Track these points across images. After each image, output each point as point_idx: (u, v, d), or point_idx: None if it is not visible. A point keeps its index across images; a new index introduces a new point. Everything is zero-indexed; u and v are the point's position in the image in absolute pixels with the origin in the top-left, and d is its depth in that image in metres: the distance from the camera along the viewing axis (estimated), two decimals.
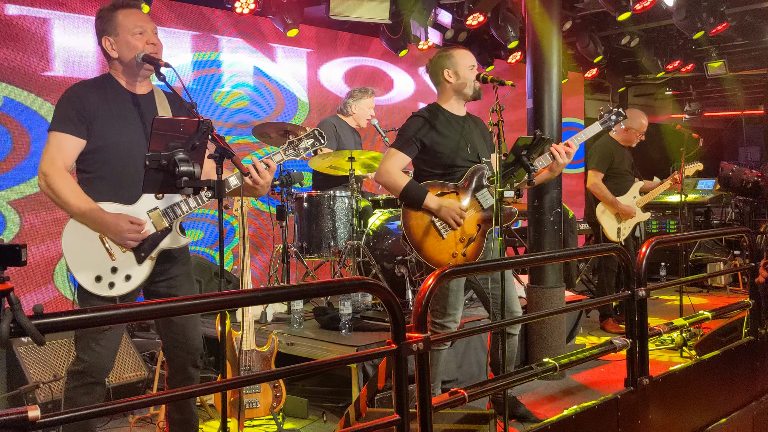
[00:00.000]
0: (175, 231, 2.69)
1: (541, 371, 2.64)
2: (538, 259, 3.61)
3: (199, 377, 2.88)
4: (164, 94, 2.83)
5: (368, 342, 3.85)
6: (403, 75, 7.90)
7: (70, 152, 2.61)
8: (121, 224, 2.55)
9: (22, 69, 5.20)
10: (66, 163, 2.61)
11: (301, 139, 2.85)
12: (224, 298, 1.73)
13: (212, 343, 4.50)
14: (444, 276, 2.29)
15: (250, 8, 5.82)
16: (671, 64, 8.49)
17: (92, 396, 2.62)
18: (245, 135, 6.28)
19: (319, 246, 4.89)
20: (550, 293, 4.59)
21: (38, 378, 3.71)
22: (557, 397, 4.26)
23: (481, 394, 2.39)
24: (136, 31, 2.66)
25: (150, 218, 2.64)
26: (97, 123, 2.62)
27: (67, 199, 2.55)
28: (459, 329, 3.52)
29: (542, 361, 2.68)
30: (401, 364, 2.07)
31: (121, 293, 2.59)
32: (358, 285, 2.11)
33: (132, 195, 2.63)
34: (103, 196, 2.61)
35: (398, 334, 2.06)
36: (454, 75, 3.59)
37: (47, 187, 2.58)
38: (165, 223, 2.66)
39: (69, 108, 2.61)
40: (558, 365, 2.68)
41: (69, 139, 2.60)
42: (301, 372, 1.92)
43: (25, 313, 1.46)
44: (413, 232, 3.49)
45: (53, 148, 2.60)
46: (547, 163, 3.54)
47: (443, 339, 3.00)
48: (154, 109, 2.74)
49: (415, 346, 2.09)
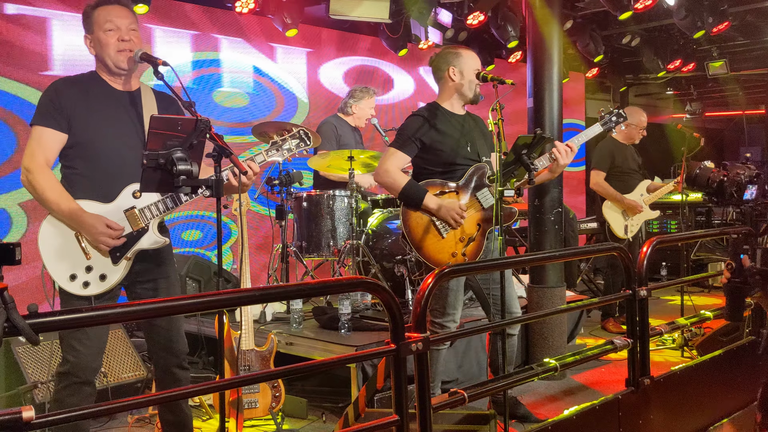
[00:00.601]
0: (152, 231, 2.66)
1: (542, 371, 2.63)
2: (539, 258, 3.60)
3: (188, 378, 2.84)
4: (152, 92, 2.81)
5: (367, 342, 3.83)
6: (402, 74, 7.89)
7: (51, 146, 2.60)
8: (97, 226, 2.52)
9: (21, 67, 5.19)
10: (47, 158, 2.59)
11: (285, 139, 2.81)
12: (221, 298, 1.71)
13: (211, 342, 4.49)
14: (443, 275, 2.28)
15: (250, 7, 5.80)
16: (672, 64, 8.46)
17: (79, 396, 2.59)
18: (245, 134, 6.26)
19: (319, 245, 4.87)
20: (550, 293, 4.58)
21: (36, 378, 3.70)
22: (558, 397, 4.24)
23: (481, 395, 2.38)
24: (107, 27, 2.64)
25: (126, 218, 2.61)
26: (75, 117, 2.61)
27: (46, 195, 2.54)
28: (459, 329, 3.51)
29: (543, 362, 2.67)
30: (400, 364, 2.05)
31: (95, 293, 2.57)
32: (357, 284, 2.09)
33: (110, 193, 2.61)
34: (81, 193, 2.59)
35: (397, 334, 2.05)
36: (459, 74, 3.57)
37: (28, 183, 2.57)
38: (141, 222, 2.63)
39: (48, 102, 2.61)
40: (559, 366, 2.67)
41: (49, 132, 2.59)
42: (300, 372, 1.90)
43: (20, 313, 1.45)
44: (413, 231, 3.47)
45: (34, 143, 2.59)
46: (548, 164, 3.53)
47: (442, 339, 2.98)
48: (140, 107, 2.72)
49: (414, 346, 2.07)
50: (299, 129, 2.87)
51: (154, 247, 2.66)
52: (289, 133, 2.83)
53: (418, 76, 8.03)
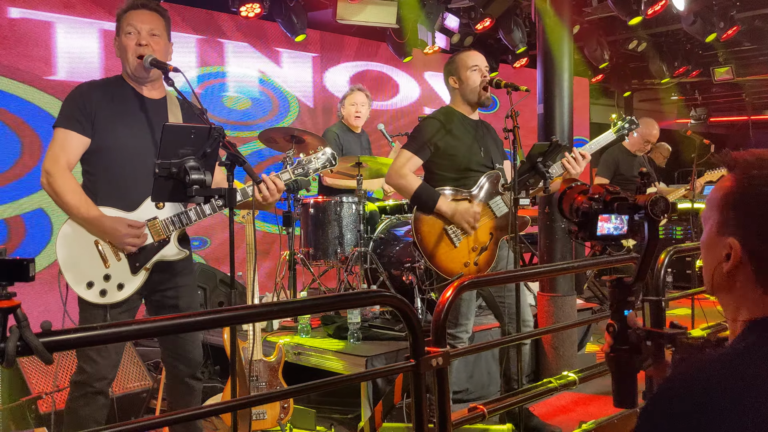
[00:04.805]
0: (173, 242, 2.61)
1: (561, 385, 2.57)
2: (558, 269, 3.54)
3: (200, 389, 2.79)
4: (177, 101, 2.76)
5: (378, 352, 3.77)
6: (408, 80, 7.84)
7: (73, 150, 2.55)
8: (119, 228, 2.48)
9: (26, 71, 5.13)
10: (69, 162, 2.55)
11: (311, 159, 2.80)
12: (241, 313, 1.65)
13: (218, 352, 4.42)
14: (463, 288, 2.22)
15: (256, 12, 5.75)
16: (678, 71, 8.43)
17: (93, 406, 2.54)
18: (252, 141, 6.22)
19: (326, 252, 4.81)
20: (561, 302, 4.52)
21: (40, 389, 3.63)
22: (569, 407, 4.18)
23: (501, 410, 2.32)
24: (127, 31, 2.60)
25: (148, 228, 2.57)
26: (99, 122, 2.56)
27: (66, 199, 2.49)
28: (474, 343, 3.45)
29: (562, 375, 2.61)
30: (420, 380, 1.99)
31: (112, 302, 2.52)
32: (377, 298, 2.03)
33: (133, 202, 2.57)
34: (103, 200, 2.55)
35: (417, 349, 1.99)
36: (458, 80, 3.54)
37: (48, 185, 2.52)
38: (163, 234, 2.59)
39: (73, 105, 2.56)
40: (578, 379, 2.62)
41: (73, 136, 2.54)
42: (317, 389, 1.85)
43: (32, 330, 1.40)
44: (425, 239, 3.41)
45: (57, 146, 2.54)
46: (561, 172, 3.48)
47: (463, 353, 2.91)
48: (165, 116, 2.67)
49: (434, 361, 2.02)
50: (326, 148, 2.84)
51: (174, 258, 2.62)
52: (315, 153, 2.81)
53: (423, 82, 7.99)
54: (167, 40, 2.69)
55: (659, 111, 12.14)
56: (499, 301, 3.48)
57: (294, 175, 2.75)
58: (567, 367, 4.49)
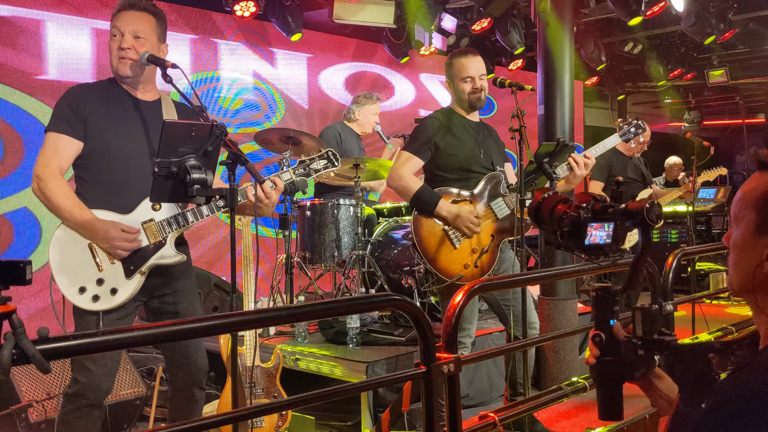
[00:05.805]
0: (170, 245, 2.53)
1: (571, 391, 2.51)
2: (567, 272, 3.48)
3: (203, 400, 2.70)
4: (173, 103, 2.68)
5: (378, 357, 3.69)
6: (404, 81, 7.78)
7: (66, 154, 2.48)
8: (112, 232, 2.40)
9: (15, 71, 5.02)
10: (61, 166, 2.47)
11: (313, 159, 2.73)
12: (247, 318, 1.57)
13: (213, 357, 4.31)
14: (474, 292, 2.15)
15: (251, 11, 5.67)
16: (673, 73, 8.42)
17: (87, 420, 2.46)
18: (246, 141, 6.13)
19: (323, 256, 4.72)
20: (562, 305, 4.46)
21: (31, 396, 3.52)
22: (572, 413, 4.11)
23: (512, 418, 2.25)
24: (113, 33, 2.54)
25: (144, 230, 2.48)
26: (91, 124, 2.48)
27: (58, 203, 2.41)
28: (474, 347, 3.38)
29: (572, 381, 2.55)
30: (431, 388, 1.92)
31: (105, 307, 2.42)
32: (387, 302, 1.96)
33: (128, 204, 2.49)
34: (97, 203, 2.47)
35: (428, 356, 1.92)
36: (450, 84, 3.51)
37: (39, 190, 2.44)
38: (159, 236, 2.50)
39: (66, 108, 2.48)
40: (588, 385, 2.55)
41: (65, 139, 2.46)
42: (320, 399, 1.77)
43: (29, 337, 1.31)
44: (424, 240, 3.34)
45: (49, 150, 2.46)
46: (565, 174, 3.42)
47: (475, 359, 2.83)
48: (160, 118, 2.57)
49: (445, 367, 1.95)
50: (328, 150, 2.77)
51: (169, 262, 2.52)
52: (318, 153, 2.73)
53: (420, 84, 7.93)
54: (157, 42, 2.58)
55: (652, 114, 12.15)
56: (504, 305, 3.41)
57: (294, 176, 2.67)
58: (568, 371, 4.43)
